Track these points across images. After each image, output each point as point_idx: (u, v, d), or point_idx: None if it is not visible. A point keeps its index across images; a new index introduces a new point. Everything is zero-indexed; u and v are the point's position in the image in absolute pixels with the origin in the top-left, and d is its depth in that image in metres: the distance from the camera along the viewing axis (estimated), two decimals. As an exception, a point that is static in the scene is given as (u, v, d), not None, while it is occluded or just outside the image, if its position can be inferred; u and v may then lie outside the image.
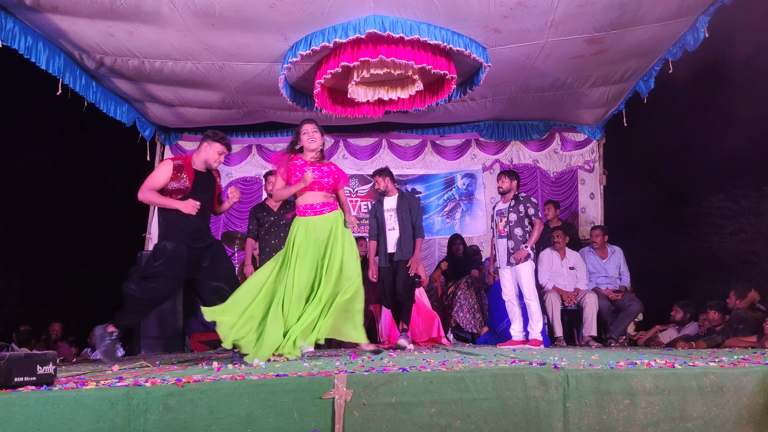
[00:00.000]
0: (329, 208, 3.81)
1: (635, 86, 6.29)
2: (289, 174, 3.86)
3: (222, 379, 2.27)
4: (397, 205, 5.16)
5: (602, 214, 7.75)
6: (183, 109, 6.84)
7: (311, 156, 3.87)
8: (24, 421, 2.05)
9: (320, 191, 3.81)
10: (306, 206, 3.81)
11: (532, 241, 5.12)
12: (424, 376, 2.29)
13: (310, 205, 3.80)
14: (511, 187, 5.32)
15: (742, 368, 2.42)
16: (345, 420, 2.17)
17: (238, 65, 5.65)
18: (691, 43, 5.04)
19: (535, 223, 5.17)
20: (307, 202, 3.81)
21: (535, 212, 5.19)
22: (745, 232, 5.44)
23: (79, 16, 4.70)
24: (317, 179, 3.78)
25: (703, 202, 5.81)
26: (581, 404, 2.27)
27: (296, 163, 3.86)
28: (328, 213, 3.80)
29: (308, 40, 5.01)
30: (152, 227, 7.68)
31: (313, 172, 3.77)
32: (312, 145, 3.83)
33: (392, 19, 4.77)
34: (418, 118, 7.30)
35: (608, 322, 5.87)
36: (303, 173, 3.75)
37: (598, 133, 7.73)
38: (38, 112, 6.77)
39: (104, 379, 2.54)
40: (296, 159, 3.88)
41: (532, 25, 4.97)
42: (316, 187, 3.79)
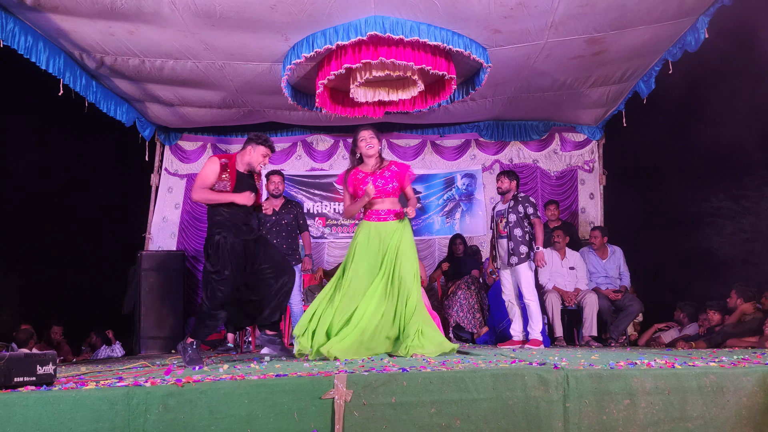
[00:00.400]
0: (393, 216, 3.88)
1: (635, 86, 6.29)
2: (355, 187, 3.93)
3: (222, 379, 2.27)
4: None
5: (602, 214, 7.75)
6: (183, 109, 6.84)
7: (372, 164, 3.93)
8: (24, 421, 2.05)
9: (387, 198, 3.89)
10: (371, 212, 3.91)
11: (539, 241, 5.11)
12: (424, 376, 2.29)
13: (375, 211, 3.90)
14: (511, 187, 5.31)
15: (742, 368, 2.42)
16: (345, 420, 2.17)
17: (239, 65, 5.65)
18: (691, 43, 5.04)
19: (535, 223, 5.15)
20: (373, 208, 3.90)
21: (534, 211, 5.18)
22: (745, 232, 5.45)
23: (80, 16, 4.70)
24: (380, 188, 3.85)
25: (703, 202, 5.81)
26: (581, 404, 2.27)
27: (357, 177, 3.93)
28: (392, 221, 3.87)
29: (310, 41, 5.00)
30: (152, 227, 7.69)
31: (375, 182, 3.84)
32: (370, 151, 3.89)
33: (392, 20, 4.77)
34: (418, 118, 7.30)
35: (608, 322, 5.87)
36: (365, 185, 3.83)
37: (598, 133, 7.73)
38: (39, 112, 6.77)
39: (104, 379, 2.54)
40: (357, 173, 3.95)
41: (533, 25, 4.97)
42: (382, 196, 3.87)
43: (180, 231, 7.77)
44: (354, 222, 7.78)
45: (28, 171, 6.82)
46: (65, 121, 6.74)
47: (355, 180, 3.94)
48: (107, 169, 7.53)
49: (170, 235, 7.76)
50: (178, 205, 7.85)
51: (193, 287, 7.66)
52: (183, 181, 7.89)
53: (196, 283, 7.69)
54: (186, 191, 7.86)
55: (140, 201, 7.72)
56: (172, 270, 7.11)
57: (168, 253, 7.37)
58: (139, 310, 6.92)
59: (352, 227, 7.79)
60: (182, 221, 7.82)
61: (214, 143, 8.01)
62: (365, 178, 3.90)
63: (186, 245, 7.72)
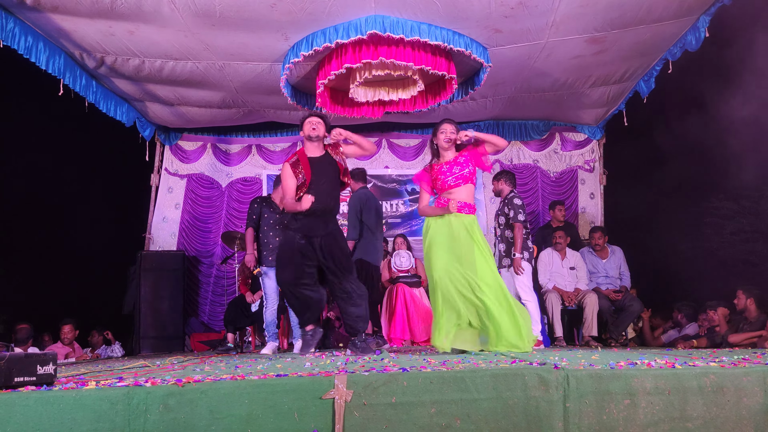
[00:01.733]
0: (467, 210, 3.86)
1: (636, 86, 6.29)
2: (434, 181, 3.95)
3: (222, 379, 2.27)
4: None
5: (602, 214, 7.75)
6: (183, 109, 6.84)
7: (448, 155, 3.93)
8: (24, 421, 2.05)
9: (465, 185, 3.88)
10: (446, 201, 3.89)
11: (517, 247, 5.07)
12: (424, 376, 2.29)
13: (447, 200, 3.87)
14: (500, 188, 5.30)
15: (742, 368, 2.42)
16: (345, 420, 2.17)
17: (239, 65, 5.65)
18: (692, 43, 5.03)
19: (515, 227, 5.09)
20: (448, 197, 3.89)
21: (514, 215, 5.11)
22: (745, 232, 5.44)
23: (80, 16, 4.70)
24: (458, 174, 3.86)
25: (703, 202, 5.80)
26: (581, 404, 2.27)
27: (435, 169, 3.94)
28: (466, 214, 3.85)
29: (309, 41, 5.00)
30: (152, 227, 7.69)
31: (452, 170, 3.85)
32: (445, 144, 3.90)
33: (392, 20, 4.77)
34: (419, 118, 7.30)
35: (608, 322, 5.87)
36: (444, 182, 3.87)
37: (598, 133, 7.73)
38: (39, 112, 6.76)
39: (104, 379, 2.54)
40: (435, 166, 3.95)
41: (533, 25, 4.97)
42: (461, 183, 3.87)
43: (180, 231, 7.77)
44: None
45: (28, 171, 6.82)
46: (65, 122, 6.73)
47: (433, 173, 3.97)
48: (107, 169, 7.52)
49: (170, 235, 7.76)
50: (178, 205, 7.85)
51: (193, 287, 7.66)
52: (183, 181, 7.89)
53: (196, 283, 7.69)
54: (186, 191, 7.87)
55: (140, 201, 7.72)
56: (172, 270, 7.11)
57: (168, 253, 7.37)
58: (139, 310, 6.92)
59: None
60: (182, 221, 7.82)
61: (214, 143, 8.01)
62: (441, 169, 3.91)
63: (186, 245, 7.72)
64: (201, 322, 7.57)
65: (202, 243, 7.80)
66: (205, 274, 7.76)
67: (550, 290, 6.00)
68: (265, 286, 5.20)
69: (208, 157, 7.97)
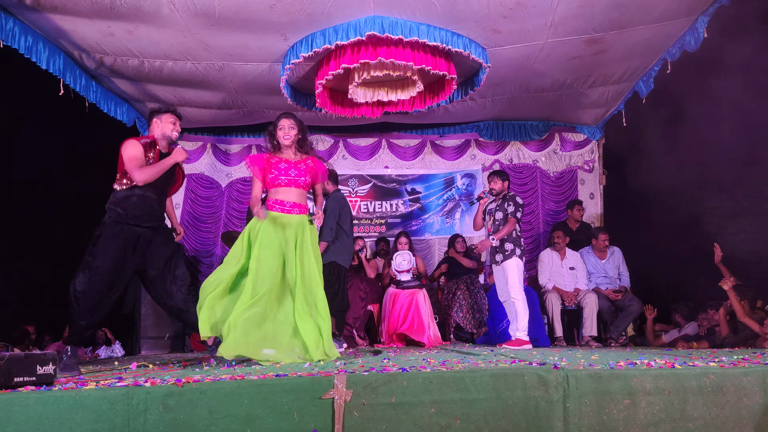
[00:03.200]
0: (298, 210, 3.76)
1: (635, 86, 6.30)
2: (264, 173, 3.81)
3: (222, 379, 2.27)
4: None
5: (602, 214, 7.76)
6: (183, 109, 6.83)
7: (290, 154, 3.83)
8: (24, 421, 2.05)
9: (296, 189, 3.77)
10: (275, 201, 3.75)
11: (500, 234, 5.03)
12: (424, 376, 2.29)
13: (279, 200, 3.74)
14: (504, 188, 5.28)
15: (742, 368, 2.42)
16: (345, 420, 2.17)
17: (238, 65, 5.65)
18: (691, 43, 5.04)
19: (510, 221, 5.07)
20: (278, 197, 3.75)
21: (513, 211, 5.10)
22: (745, 232, 5.44)
23: (79, 16, 4.70)
24: (293, 178, 3.76)
25: (703, 202, 5.80)
26: (581, 404, 2.27)
27: (271, 161, 3.81)
28: (296, 214, 3.74)
29: (309, 41, 5.01)
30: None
31: (288, 171, 3.75)
32: (286, 141, 3.80)
33: (391, 20, 4.77)
34: (418, 118, 7.30)
35: (608, 322, 5.87)
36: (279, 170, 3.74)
37: (598, 133, 7.74)
38: (38, 112, 6.75)
39: (104, 379, 2.54)
40: (272, 157, 3.82)
41: (532, 25, 4.97)
42: (292, 186, 3.76)
43: (180, 231, 7.77)
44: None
45: (28, 171, 6.81)
46: (65, 122, 6.73)
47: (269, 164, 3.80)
48: (108, 170, 7.51)
49: (170, 236, 7.75)
50: (178, 205, 7.85)
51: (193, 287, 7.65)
52: (183, 181, 7.88)
53: (196, 283, 7.69)
54: (186, 191, 7.87)
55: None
56: (172, 270, 7.09)
57: (168, 253, 7.35)
58: (139, 310, 6.91)
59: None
60: (182, 221, 7.82)
61: (214, 143, 8.01)
62: (279, 164, 3.78)
63: (186, 245, 7.72)
64: (201, 322, 7.56)
65: (201, 243, 7.80)
66: (205, 274, 7.75)
67: (550, 290, 6.00)
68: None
69: (208, 157, 7.97)
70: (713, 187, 5.76)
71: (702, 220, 5.68)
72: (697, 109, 5.62)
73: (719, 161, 5.55)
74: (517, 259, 5.03)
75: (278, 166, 3.78)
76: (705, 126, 5.63)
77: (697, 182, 5.83)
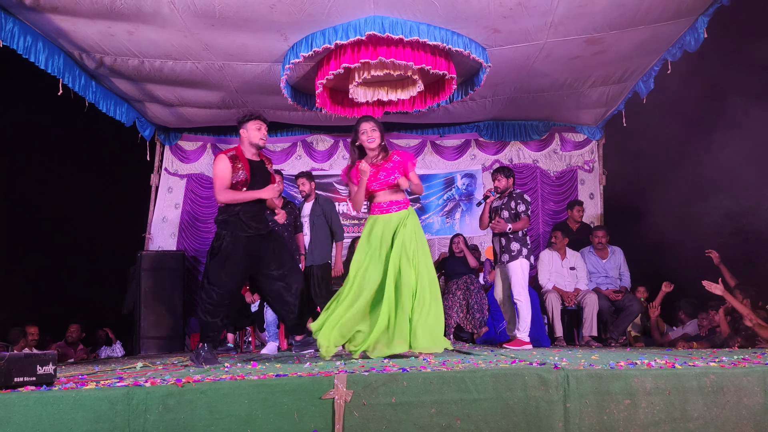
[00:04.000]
0: (396, 207, 3.79)
1: (635, 86, 6.29)
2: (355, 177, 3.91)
3: (222, 380, 2.27)
4: (311, 211, 5.46)
5: (602, 214, 7.76)
6: (183, 109, 6.84)
7: (373, 156, 3.91)
8: (23, 421, 2.05)
9: (389, 189, 3.81)
10: (374, 205, 3.86)
11: (516, 226, 5.01)
12: (424, 376, 2.28)
13: (377, 204, 3.84)
14: (508, 184, 5.25)
15: (742, 368, 2.42)
16: (345, 420, 2.17)
17: (238, 65, 5.65)
18: (691, 43, 5.04)
19: (522, 219, 5.06)
20: (374, 201, 3.85)
21: (525, 209, 5.09)
22: (745, 232, 5.43)
23: (79, 16, 4.70)
24: (382, 181, 3.81)
25: (703, 202, 5.80)
26: (582, 404, 2.27)
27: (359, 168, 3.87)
28: (395, 212, 3.78)
29: (309, 41, 5.00)
30: (152, 227, 7.69)
31: (378, 174, 3.82)
32: (372, 144, 3.89)
33: (392, 20, 4.77)
34: (418, 118, 7.30)
35: (608, 322, 5.87)
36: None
37: (598, 133, 7.74)
38: (38, 112, 6.75)
39: (104, 379, 2.54)
40: (359, 165, 3.89)
41: (532, 25, 4.97)
42: (384, 188, 3.81)
43: (180, 231, 7.78)
44: (362, 217, 7.79)
45: (28, 171, 6.81)
46: (65, 122, 6.72)
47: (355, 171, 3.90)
48: (107, 169, 7.51)
49: (170, 235, 7.76)
50: (178, 205, 7.86)
51: (193, 287, 7.66)
52: (183, 181, 7.90)
53: (196, 283, 7.69)
54: (186, 191, 7.87)
55: (140, 201, 7.71)
56: (172, 270, 7.11)
57: (168, 253, 7.37)
58: (139, 310, 6.92)
59: (354, 228, 7.79)
60: (182, 221, 7.82)
61: (214, 143, 8.01)
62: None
63: (186, 245, 7.72)
64: (201, 322, 7.57)
65: (202, 243, 7.80)
66: (205, 274, 7.76)
67: (550, 290, 6.00)
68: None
69: (208, 157, 7.97)
70: (713, 187, 5.76)
71: (702, 220, 5.67)
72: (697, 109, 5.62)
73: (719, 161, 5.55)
74: (524, 259, 5.00)
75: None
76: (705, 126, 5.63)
77: (698, 182, 5.83)
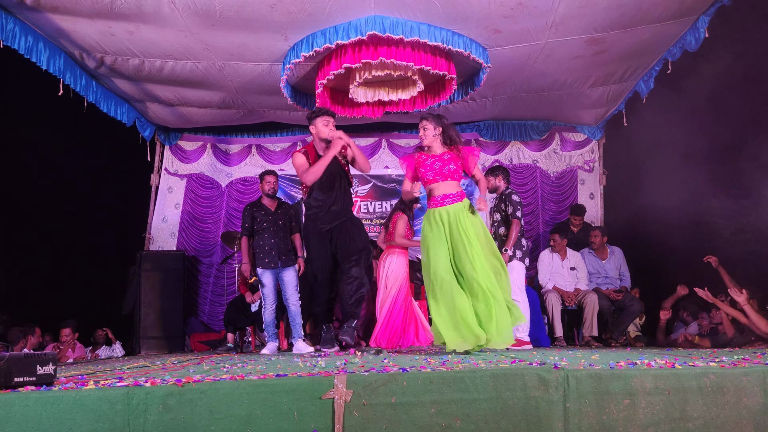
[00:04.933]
0: (450, 200, 3.80)
1: (635, 86, 6.29)
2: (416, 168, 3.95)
3: (222, 380, 2.27)
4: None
5: (602, 214, 7.76)
6: (183, 109, 6.84)
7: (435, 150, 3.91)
8: (23, 421, 2.05)
9: (444, 181, 3.83)
10: (431, 199, 3.88)
11: (510, 243, 4.93)
12: (424, 376, 2.28)
13: (432, 197, 3.87)
14: (497, 184, 5.20)
15: (742, 368, 2.42)
16: (345, 420, 2.17)
17: (239, 65, 5.65)
18: (692, 43, 5.04)
19: (513, 223, 4.96)
20: (433, 195, 3.87)
21: (513, 211, 5.00)
22: (745, 232, 5.43)
23: (80, 16, 4.70)
24: (437, 170, 3.83)
25: (703, 202, 5.80)
26: (581, 404, 2.27)
27: (420, 158, 3.92)
28: (450, 204, 3.79)
29: (309, 41, 5.01)
30: (152, 227, 7.69)
31: (434, 164, 3.84)
32: (424, 141, 3.90)
33: (392, 20, 4.77)
34: (418, 118, 7.29)
35: (609, 322, 5.87)
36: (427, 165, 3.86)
37: (598, 133, 7.73)
38: (38, 112, 6.76)
39: (104, 379, 2.54)
40: (420, 155, 3.94)
41: (533, 25, 4.97)
42: (438, 179, 3.83)
43: (180, 231, 7.78)
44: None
45: (28, 171, 6.82)
46: (65, 122, 6.73)
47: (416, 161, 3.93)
48: (107, 169, 7.52)
49: (170, 235, 7.76)
50: (178, 205, 7.86)
51: (194, 287, 7.66)
52: (183, 181, 7.90)
53: (196, 283, 7.69)
54: (186, 191, 7.87)
55: (140, 201, 7.71)
56: (172, 270, 7.11)
57: (168, 253, 7.37)
58: (139, 310, 6.92)
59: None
60: (182, 221, 7.83)
61: (214, 143, 8.02)
62: (426, 160, 3.88)
63: (186, 245, 7.72)
64: (201, 322, 7.58)
65: (201, 243, 7.80)
66: (205, 274, 7.76)
67: (550, 290, 6.00)
68: (263, 287, 5.19)
69: (208, 157, 7.97)
70: (714, 187, 5.76)
71: (702, 220, 5.68)
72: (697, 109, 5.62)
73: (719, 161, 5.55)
74: (518, 262, 4.98)
75: (425, 163, 3.88)
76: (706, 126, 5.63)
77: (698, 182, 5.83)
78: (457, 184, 3.87)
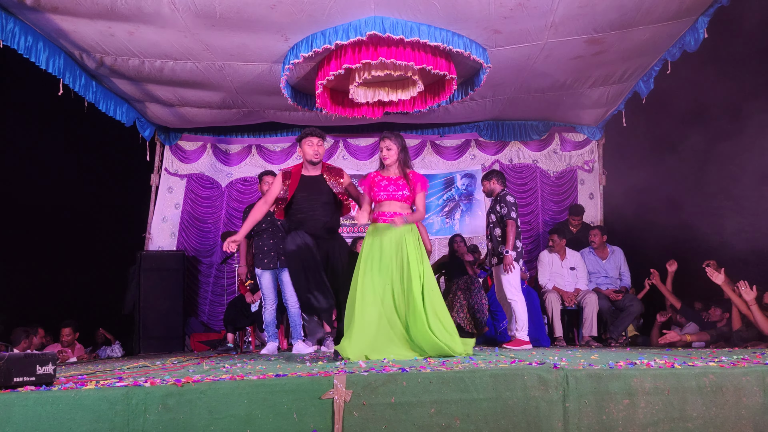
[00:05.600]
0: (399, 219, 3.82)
1: (635, 86, 6.30)
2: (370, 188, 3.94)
3: (221, 380, 2.27)
4: None
5: (602, 214, 7.76)
6: (183, 109, 6.84)
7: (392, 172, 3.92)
8: (23, 421, 2.05)
9: (396, 202, 3.86)
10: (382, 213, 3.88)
11: (508, 244, 4.93)
12: (424, 376, 2.29)
13: (381, 213, 3.88)
14: (492, 187, 5.24)
15: (742, 368, 2.42)
16: (344, 420, 2.17)
17: (239, 65, 5.65)
18: (691, 43, 5.04)
19: (508, 224, 4.97)
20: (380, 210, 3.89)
21: (507, 212, 5.00)
22: (745, 232, 5.43)
23: (80, 17, 4.70)
24: (391, 193, 3.86)
25: (703, 202, 5.80)
26: (581, 404, 2.27)
27: (375, 179, 3.92)
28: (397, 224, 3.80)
29: (309, 41, 5.01)
30: (152, 227, 7.69)
31: (388, 187, 3.86)
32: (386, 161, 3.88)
33: (392, 20, 4.77)
34: (418, 118, 7.30)
35: (608, 322, 5.87)
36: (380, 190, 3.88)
37: (598, 133, 7.74)
38: (38, 112, 6.75)
39: (104, 379, 2.54)
40: (377, 175, 3.94)
41: (533, 26, 4.97)
42: (391, 199, 3.86)
43: (180, 231, 7.78)
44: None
45: (27, 171, 6.81)
46: (65, 121, 6.73)
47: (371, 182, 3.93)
48: (107, 169, 7.52)
49: (170, 235, 7.76)
50: (178, 205, 7.86)
51: (193, 287, 7.66)
52: (183, 181, 7.90)
53: (196, 283, 7.70)
54: (186, 191, 7.87)
55: (140, 201, 7.71)
56: (172, 270, 7.11)
57: (168, 253, 7.37)
58: (139, 310, 6.92)
59: (354, 228, 7.79)
60: (182, 221, 7.83)
61: (214, 143, 8.02)
62: (381, 182, 3.89)
63: (186, 245, 7.73)
64: (201, 322, 7.58)
65: (201, 243, 7.80)
66: (205, 274, 7.76)
67: (550, 290, 6.00)
68: (263, 287, 5.19)
69: (208, 157, 7.98)
70: (714, 187, 5.76)
71: (703, 219, 5.67)
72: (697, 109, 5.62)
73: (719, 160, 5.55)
74: (514, 261, 5.01)
75: (379, 184, 3.90)
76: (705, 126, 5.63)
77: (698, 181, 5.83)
78: (408, 207, 3.90)
